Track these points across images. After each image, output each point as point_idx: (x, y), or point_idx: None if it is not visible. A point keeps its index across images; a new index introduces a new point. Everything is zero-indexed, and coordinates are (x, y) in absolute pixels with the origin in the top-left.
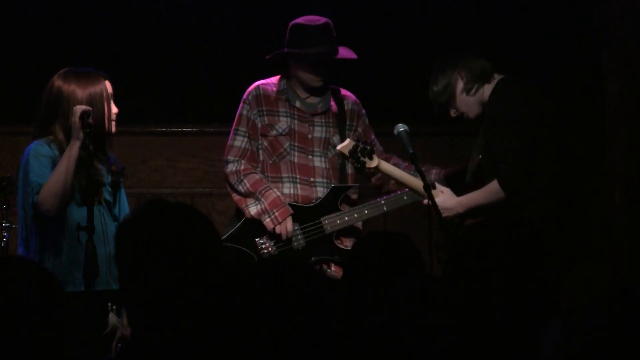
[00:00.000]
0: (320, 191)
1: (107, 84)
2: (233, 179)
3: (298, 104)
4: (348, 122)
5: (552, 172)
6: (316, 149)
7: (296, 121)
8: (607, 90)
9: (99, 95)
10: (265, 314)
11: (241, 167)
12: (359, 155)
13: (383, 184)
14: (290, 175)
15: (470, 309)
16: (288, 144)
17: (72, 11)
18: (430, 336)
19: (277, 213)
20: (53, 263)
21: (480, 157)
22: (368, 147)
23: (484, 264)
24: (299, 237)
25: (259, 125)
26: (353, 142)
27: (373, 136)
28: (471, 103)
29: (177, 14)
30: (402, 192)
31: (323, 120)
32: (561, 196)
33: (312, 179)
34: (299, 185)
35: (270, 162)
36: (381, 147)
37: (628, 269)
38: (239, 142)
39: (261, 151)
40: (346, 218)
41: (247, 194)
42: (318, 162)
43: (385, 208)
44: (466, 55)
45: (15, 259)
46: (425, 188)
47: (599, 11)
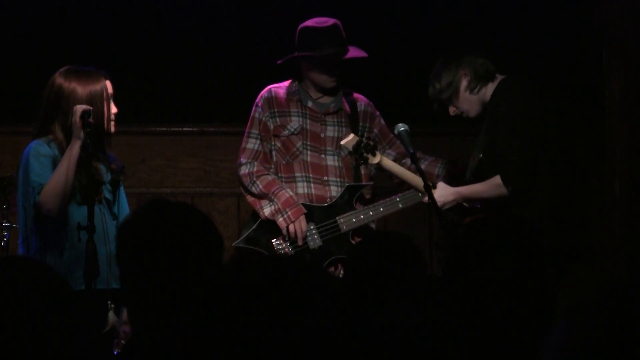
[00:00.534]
0: (333, 190)
1: (108, 84)
2: (246, 181)
3: (310, 104)
4: (361, 124)
5: (554, 172)
6: (329, 148)
7: (308, 120)
8: (607, 90)
9: (99, 94)
10: (265, 313)
11: (254, 169)
12: (362, 150)
13: (405, 182)
14: (303, 174)
15: (470, 309)
16: (301, 143)
17: (72, 11)
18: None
19: (290, 212)
20: (54, 262)
21: (481, 156)
22: (371, 143)
23: (484, 264)
24: (315, 237)
25: (272, 126)
26: (357, 138)
27: (392, 136)
28: (473, 102)
29: (177, 14)
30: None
31: (335, 119)
32: (562, 196)
33: (326, 178)
34: (313, 184)
35: (283, 163)
36: (401, 147)
37: (628, 269)
38: (252, 145)
39: (274, 152)
40: (362, 216)
41: (261, 195)
42: (331, 161)
43: (400, 205)
44: (471, 53)
45: (22, 259)
46: (425, 188)
47: (599, 11)
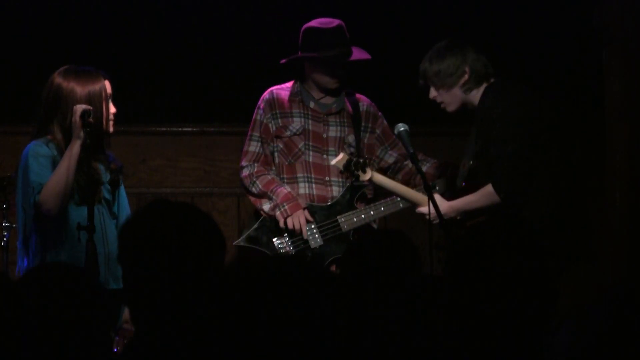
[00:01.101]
0: (335, 190)
1: (107, 84)
2: (247, 182)
3: (312, 105)
4: (363, 124)
5: (552, 173)
6: (331, 149)
7: (310, 121)
8: (607, 90)
9: (98, 94)
10: (266, 313)
11: (254, 170)
12: (353, 168)
13: (410, 178)
14: (305, 175)
15: (470, 309)
16: (303, 144)
17: (72, 11)
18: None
19: (288, 206)
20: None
21: (471, 163)
22: (361, 161)
23: (484, 264)
24: (316, 236)
25: (273, 128)
26: (347, 157)
27: (394, 137)
28: (459, 99)
29: (177, 14)
30: (418, 188)
31: (338, 119)
32: (561, 197)
33: (327, 178)
34: (314, 184)
35: (286, 164)
36: (403, 150)
37: (628, 269)
38: (253, 147)
39: (277, 153)
40: (362, 216)
41: (261, 194)
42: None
43: (401, 205)
44: (475, 51)
45: (58, 265)
46: (425, 189)
47: (599, 11)
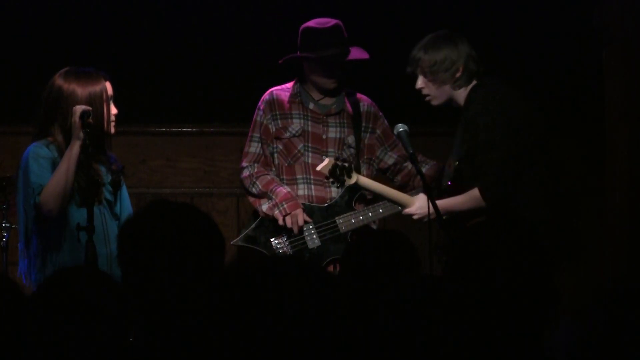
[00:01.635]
0: (334, 191)
1: (108, 85)
2: (247, 183)
3: (312, 106)
4: (364, 124)
5: (539, 177)
6: (330, 150)
7: (310, 122)
8: (607, 90)
9: (99, 95)
10: (265, 313)
11: (254, 171)
12: (338, 174)
13: (410, 180)
14: (304, 176)
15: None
16: (302, 146)
17: (72, 11)
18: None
19: (287, 205)
20: (54, 263)
21: (457, 163)
22: (347, 165)
23: (484, 264)
24: (314, 237)
25: (273, 129)
26: (333, 162)
27: (394, 138)
28: (447, 95)
29: (177, 14)
30: (417, 190)
31: (337, 120)
32: (549, 200)
33: (326, 180)
34: (313, 185)
35: (286, 165)
36: (403, 152)
37: (628, 269)
38: (253, 149)
39: (277, 155)
40: (361, 217)
41: (261, 194)
42: None
43: (400, 207)
44: (470, 48)
45: (83, 269)
46: (425, 189)
47: (599, 11)
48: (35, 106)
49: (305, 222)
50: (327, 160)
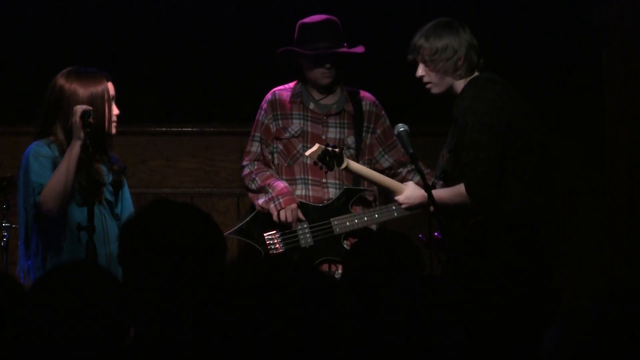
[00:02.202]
0: (332, 192)
1: (110, 85)
2: (247, 180)
3: (312, 106)
4: (365, 124)
5: (523, 176)
6: None
7: (309, 123)
8: (607, 90)
9: (100, 95)
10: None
11: (254, 168)
12: (327, 159)
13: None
14: (302, 176)
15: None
16: (301, 146)
17: (73, 11)
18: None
19: (282, 200)
20: (54, 263)
21: (449, 155)
22: (336, 150)
23: (484, 264)
24: (307, 236)
25: (274, 129)
26: (322, 147)
27: (393, 139)
28: (447, 84)
29: (178, 14)
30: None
31: (337, 121)
32: (533, 199)
33: (324, 180)
34: (311, 186)
35: (285, 165)
36: (400, 154)
37: (628, 269)
38: (255, 148)
39: (276, 155)
40: (356, 220)
41: (259, 189)
42: None
43: (396, 214)
44: (475, 41)
45: (82, 265)
46: (425, 189)
47: (599, 11)
48: (36, 106)
49: (299, 221)
50: (317, 146)
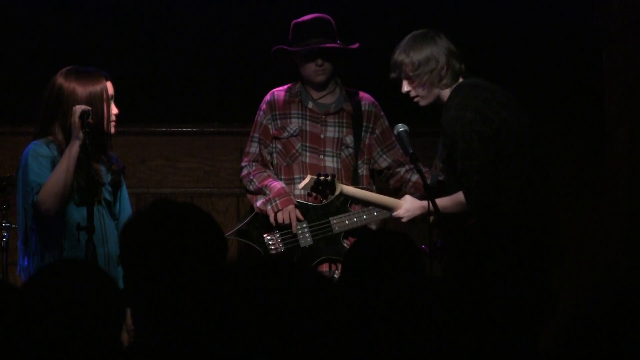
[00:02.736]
0: None
1: (109, 85)
2: (245, 181)
3: (310, 105)
4: (364, 124)
5: (519, 177)
6: (328, 149)
7: (308, 122)
8: (607, 90)
9: (99, 95)
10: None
11: (253, 169)
12: (320, 189)
13: (402, 186)
14: (301, 175)
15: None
16: (300, 145)
17: (73, 11)
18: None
19: (279, 201)
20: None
21: (441, 165)
22: (328, 179)
23: (484, 264)
24: (307, 235)
25: (272, 129)
26: (314, 178)
27: (392, 140)
28: (434, 94)
29: (178, 14)
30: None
31: (336, 120)
32: (530, 199)
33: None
34: None
35: (284, 165)
36: (398, 154)
37: (628, 269)
38: (253, 149)
39: (275, 154)
40: (355, 219)
41: (257, 191)
42: (330, 162)
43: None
44: (453, 47)
45: (75, 263)
46: (425, 188)
47: (599, 11)
48: (35, 106)
49: (298, 221)
50: (309, 177)
